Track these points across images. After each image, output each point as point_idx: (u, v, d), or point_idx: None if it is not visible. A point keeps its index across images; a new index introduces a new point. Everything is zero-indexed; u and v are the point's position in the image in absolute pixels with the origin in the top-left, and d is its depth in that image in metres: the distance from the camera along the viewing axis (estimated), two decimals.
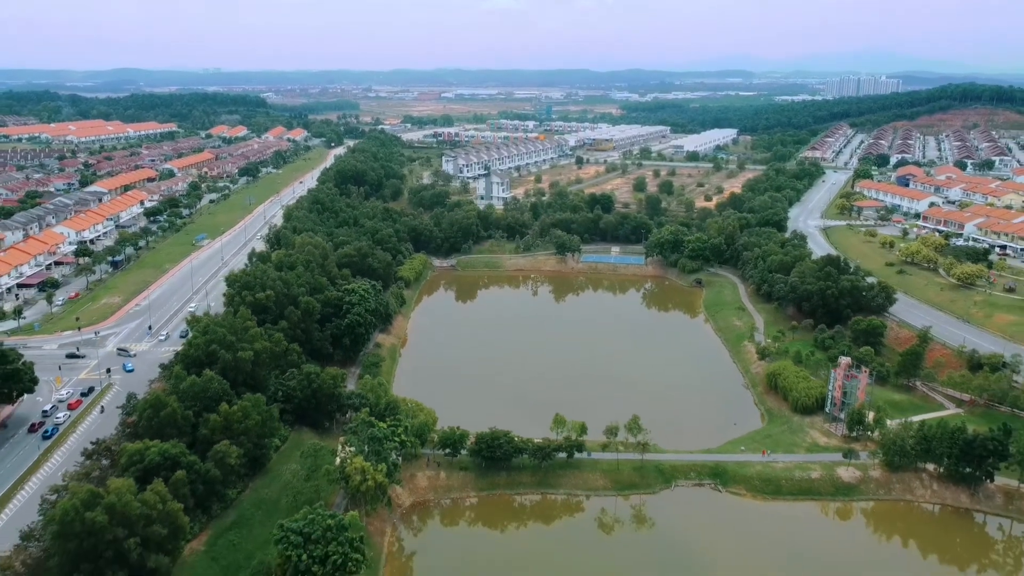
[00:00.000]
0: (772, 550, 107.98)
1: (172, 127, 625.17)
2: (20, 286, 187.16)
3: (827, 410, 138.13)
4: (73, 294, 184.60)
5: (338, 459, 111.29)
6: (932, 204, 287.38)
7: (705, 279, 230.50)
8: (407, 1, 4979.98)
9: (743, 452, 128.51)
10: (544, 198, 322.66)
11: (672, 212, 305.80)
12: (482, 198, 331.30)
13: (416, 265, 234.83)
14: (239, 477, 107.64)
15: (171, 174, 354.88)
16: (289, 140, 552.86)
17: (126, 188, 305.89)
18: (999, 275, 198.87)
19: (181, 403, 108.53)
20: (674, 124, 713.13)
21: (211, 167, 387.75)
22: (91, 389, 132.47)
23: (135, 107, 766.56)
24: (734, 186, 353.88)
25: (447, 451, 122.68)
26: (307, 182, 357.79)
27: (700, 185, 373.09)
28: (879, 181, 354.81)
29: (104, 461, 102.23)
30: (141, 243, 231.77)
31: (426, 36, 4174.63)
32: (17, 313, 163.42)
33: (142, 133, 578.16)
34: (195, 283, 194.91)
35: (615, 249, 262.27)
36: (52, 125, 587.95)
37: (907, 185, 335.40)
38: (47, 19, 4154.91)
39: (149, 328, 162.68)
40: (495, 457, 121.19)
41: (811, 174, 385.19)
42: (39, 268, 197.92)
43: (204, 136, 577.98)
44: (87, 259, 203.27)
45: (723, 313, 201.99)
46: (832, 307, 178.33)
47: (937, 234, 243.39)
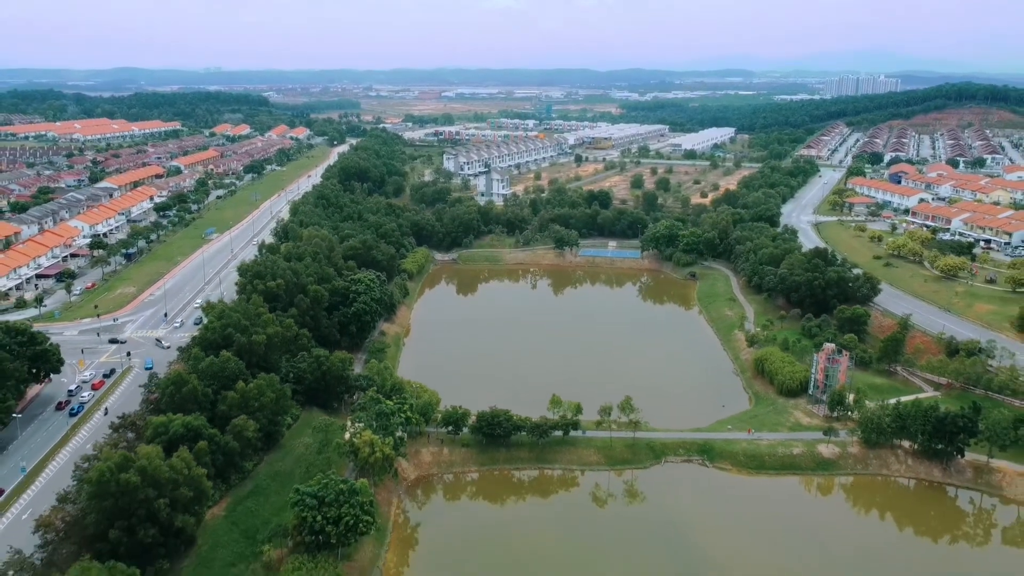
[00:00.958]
0: (756, 521, 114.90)
1: (176, 125, 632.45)
2: (39, 276, 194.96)
3: (810, 392, 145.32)
4: (90, 284, 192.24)
5: (347, 434, 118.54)
6: (921, 200, 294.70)
7: (699, 272, 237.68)
8: (407, 0, 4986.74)
9: (730, 431, 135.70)
10: (543, 195, 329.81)
11: (668, 208, 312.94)
12: (482, 195, 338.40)
13: (419, 258, 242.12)
14: (255, 451, 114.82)
15: (178, 171, 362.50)
16: (292, 138, 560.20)
17: (135, 184, 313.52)
18: (981, 267, 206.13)
19: (201, 381, 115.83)
20: (673, 123, 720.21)
21: (217, 164, 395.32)
22: (112, 371, 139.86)
23: (139, 106, 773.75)
24: (730, 183, 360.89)
25: (449, 429, 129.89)
26: (312, 179, 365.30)
27: (696, 182, 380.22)
28: (872, 178, 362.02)
29: (130, 434, 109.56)
30: (152, 237, 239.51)
31: (426, 35, 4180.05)
32: (38, 301, 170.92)
33: (147, 131, 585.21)
34: (207, 274, 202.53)
35: (612, 244, 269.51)
36: (58, 124, 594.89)
37: (899, 182, 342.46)
38: (47, 18, 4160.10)
39: (165, 315, 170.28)
40: (495, 434, 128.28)
41: (805, 172, 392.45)
42: (56, 260, 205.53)
43: (208, 134, 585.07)
44: (101, 251, 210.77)
45: (715, 304, 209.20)
46: (819, 297, 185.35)
47: (925, 229, 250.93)
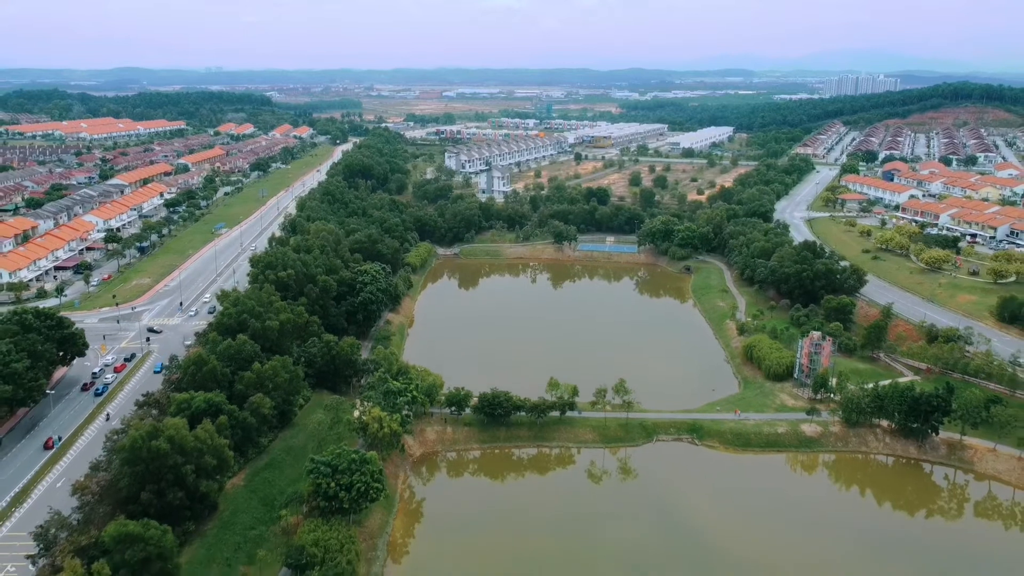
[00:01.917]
0: (741, 495, 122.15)
1: (181, 125, 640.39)
2: (57, 268, 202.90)
3: (796, 376, 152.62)
4: (106, 276, 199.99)
5: (356, 412, 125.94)
6: (912, 196, 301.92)
7: (694, 266, 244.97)
8: (408, 0, 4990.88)
9: (718, 412, 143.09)
10: (543, 192, 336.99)
11: (665, 205, 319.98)
12: (483, 192, 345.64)
13: (422, 253, 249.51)
14: (270, 427, 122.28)
15: (186, 169, 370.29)
16: (296, 137, 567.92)
17: (145, 181, 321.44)
18: (965, 260, 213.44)
19: (219, 362, 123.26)
20: (672, 122, 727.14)
21: (223, 162, 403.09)
22: (133, 355, 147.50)
23: (143, 105, 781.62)
24: (726, 181, 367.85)
25: (453, 409, 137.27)
26: (316, 176, 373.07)
27: (694, 180, 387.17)
28: (865, 176, 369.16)
29: (154, 411, 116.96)
30: (164, 231, 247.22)
31: (427, 35, 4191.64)
32: (59, 291, 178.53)
33: (152, 130, 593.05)
34: (218, 266, 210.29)
35: (610, 239, 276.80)
36: (64, 123, 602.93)
37: (892, 179, 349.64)
38: (48, 19, 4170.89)
39: (180, 304, 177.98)
40: (496, 414, 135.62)
41: (800, 169, 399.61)
42: (73, 253, 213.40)
43: (213, 133, 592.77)
44: (116, 245, 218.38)
45: (709, 296, 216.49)
46: (808, 288, 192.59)
47: (914, 224, 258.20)
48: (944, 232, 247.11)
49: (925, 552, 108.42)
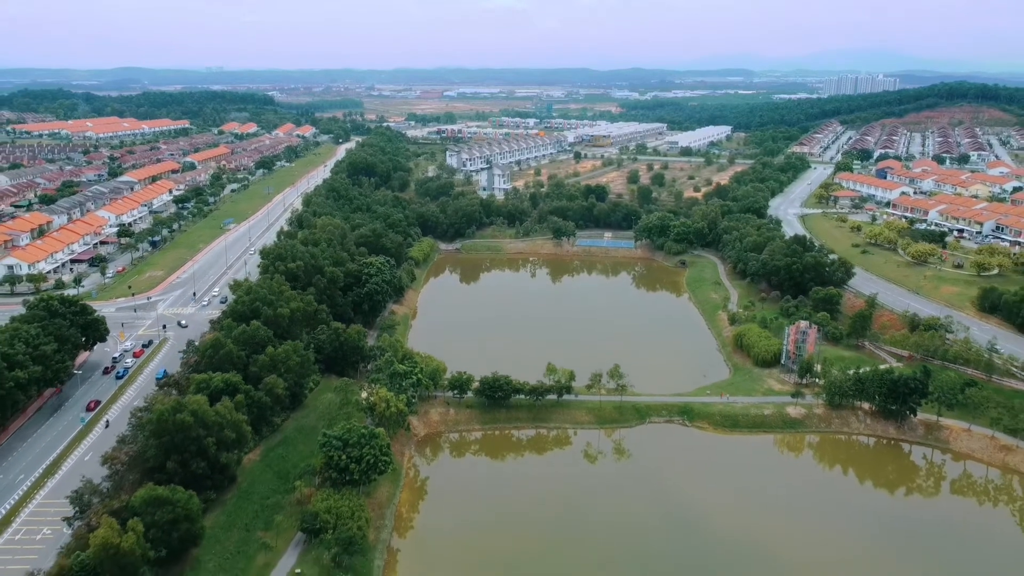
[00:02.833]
0: (729, 472, 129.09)
1: (185, 124, 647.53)
2: (73, 261, 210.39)
3: (783, 363, 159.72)
4: (120, 268, 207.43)
5: (364, 393, 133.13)
6: (903, 193, 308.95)
7: (688, 260, 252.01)
8: (409, 0, 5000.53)
9: (708, 395, 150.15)
10: (543, 189, 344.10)
11: (662, 202, 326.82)
12: (484, 189, 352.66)
13: (424, 247, 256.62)
14: (283, 408, 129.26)
15: (192, 167, 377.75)
16: (299, 136, 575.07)
17: (154, 178, 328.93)
18: (951, 254, 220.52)
19: (235, 345, 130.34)
20: (671, 121, 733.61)
21: (228, 160, 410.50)
22: (150, 342, 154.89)
23: (147, 104, 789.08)
24: (723, 179, 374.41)
25: (455, 392, 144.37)
26: (320, 173, 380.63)
27: (691, 178, 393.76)
28: (859, 174, 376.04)
29: (174, 391, 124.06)
30: (174, 226, 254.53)
31: (428, 35, 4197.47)
32: (76, 282, 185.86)
33: (157, 129, 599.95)
34: (228, 259, 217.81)
35: (607, 234, 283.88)
36: (70, 122, 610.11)
37: (885, 177, 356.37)
38: (49, 19, 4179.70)
39: (193, 295, 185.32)
40: (496, 397, 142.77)
41: (796, 167, 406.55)
42: (87, 246, 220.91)
43: (217, 132, 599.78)
44: (128, 239, 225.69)
45: (702, 289, 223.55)
46: (797, 280, 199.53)
47: (903, 220, 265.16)
48: (932, 227, 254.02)
49: (903, 525, 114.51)
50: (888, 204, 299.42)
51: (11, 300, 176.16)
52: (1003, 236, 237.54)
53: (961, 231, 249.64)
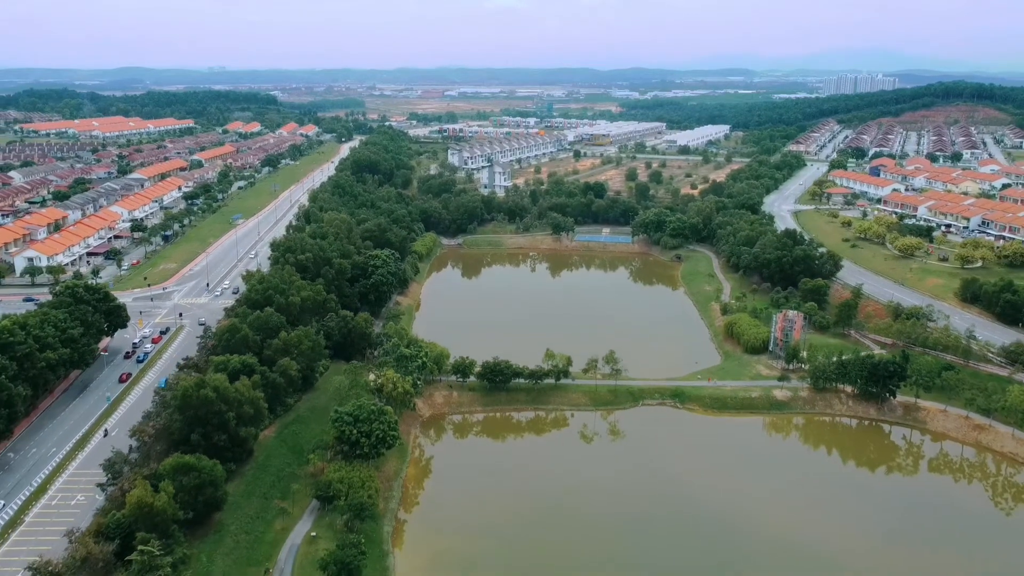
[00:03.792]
0: (717, 450, 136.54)
1: (190, 123, 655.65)
2: (89, 254, 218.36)
3: (771, 349, 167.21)
4: (135, 261, 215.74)
5: (371, 376, 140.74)
6: (894, 190, 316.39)
7: (684, 254, 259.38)
8: (411, 0, 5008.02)
9: (699, 380, 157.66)
10: (542, 186, 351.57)
11: (660, 199, 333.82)
12: (485, 187, 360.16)
13: (427, 242, 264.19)
14: (296, 389, 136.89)
15: (200, 164, 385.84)
16: (303, 135, 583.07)
17: (163, 176, 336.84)
18: (937, 248, 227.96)
19: (250, 330, 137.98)
20: (670, 121, 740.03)
21: (234, 159, 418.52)
22: (168, 329, 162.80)
23: (152, 104, 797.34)
24: (720, 177, 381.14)
25: (458, 376, 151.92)
26: (325, 171, 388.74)
27: (688, 176, 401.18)
28: (853, 171, 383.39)
29: (193, 373, 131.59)
30: (185, 221, 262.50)
31: (429, 35, 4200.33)
32: (94, 274, 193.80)
33: (162, 129, 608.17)
34: (239, 252, 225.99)
35: (606, 230, 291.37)
36: (76, 121, 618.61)
37: (878, 175, 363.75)
38: (49, 18, 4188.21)
39: (207, 285, 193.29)
40: (497, 381, 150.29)
41: (791, 165, 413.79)
42: (102, 240, 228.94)
43: (221, 131, 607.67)
44: (141, 233, 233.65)
45: (697, 281, 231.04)
46: (787, 273, 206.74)
47: (894, 215, 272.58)
48: (921, 223, 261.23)
49: (883, 499, 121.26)
50: (879, 200, 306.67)
51: (32, 291, 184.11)
52: (988, 231, 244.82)
53: (949, 226, 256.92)
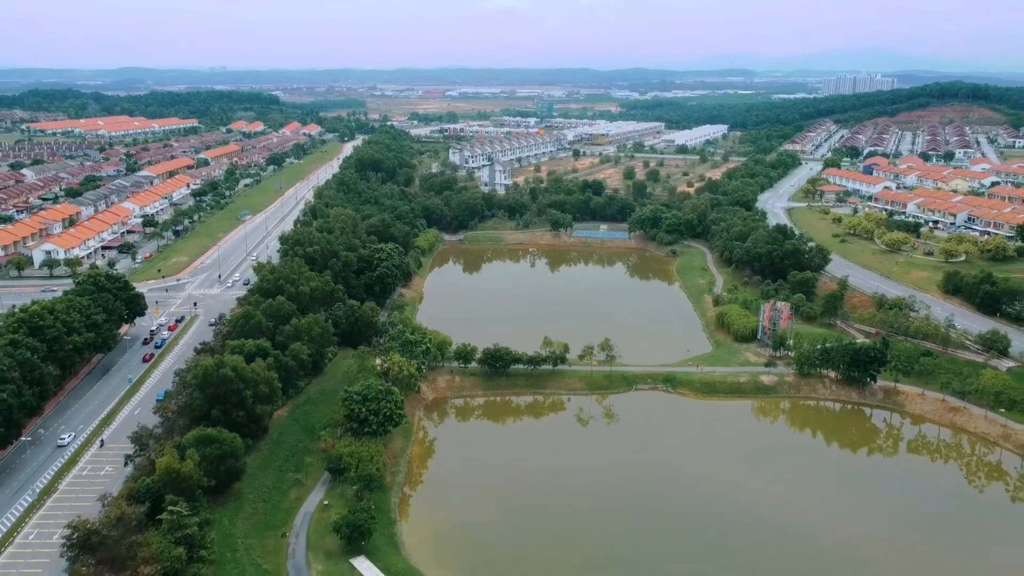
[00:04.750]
0: (706, 432, 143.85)
1: (194, 123, 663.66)
2: (104, 248, 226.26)
3: (759, 337, 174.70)
4: (148, 255, 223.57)
5: (378, 361, 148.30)
6: (885, 188, 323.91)
7: (679, 250, 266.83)
8: (411, 0, 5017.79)
9: (689, 366, 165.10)
10: (542, 184, 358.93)
11: (656, 196, 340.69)
12: (486, 185, 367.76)
13: (429, 238, 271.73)
14: (306, 373, 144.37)
15: (206, 163, 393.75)
16: (305, 135, 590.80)
17: (171, 173, 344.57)
18: (924, 243, 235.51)
19: (263, 316, 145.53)
20: (669, 120, 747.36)
21: (240, 157, 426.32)
22: (183, 318, 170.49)
23: (155, 104, 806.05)
24: (716, 175, 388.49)
25: (460, 362, 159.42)
26: (329, 169, 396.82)
27: (685, 174, 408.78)
28: (847, 170, 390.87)
29: (210, 357, 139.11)
30: (194, 217, 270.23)
31: (430, 35, 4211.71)
32: (110, 267, 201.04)
33: (167, 128, 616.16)
34: (248, 246, 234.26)
35: (603, 226, 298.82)
36: (82, 121, 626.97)
37: (871, 173, 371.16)
38: (50, 18, 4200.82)
39: (219, 277, 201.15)
40: (497, 366, 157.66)
41: (787, 164, 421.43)
42: (116, 235, 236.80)
43: (225, 131, 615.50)
44: (153, 228, 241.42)
45: (691, 275, 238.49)
46: (777, 266, 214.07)
47: (884, 212, 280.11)
48: (910, 219, 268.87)
49: (863, 477, 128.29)
50: (871, 198, 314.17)
51: (50, 283, 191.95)
52: (974, 227, 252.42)
53: (936, 222, 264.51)
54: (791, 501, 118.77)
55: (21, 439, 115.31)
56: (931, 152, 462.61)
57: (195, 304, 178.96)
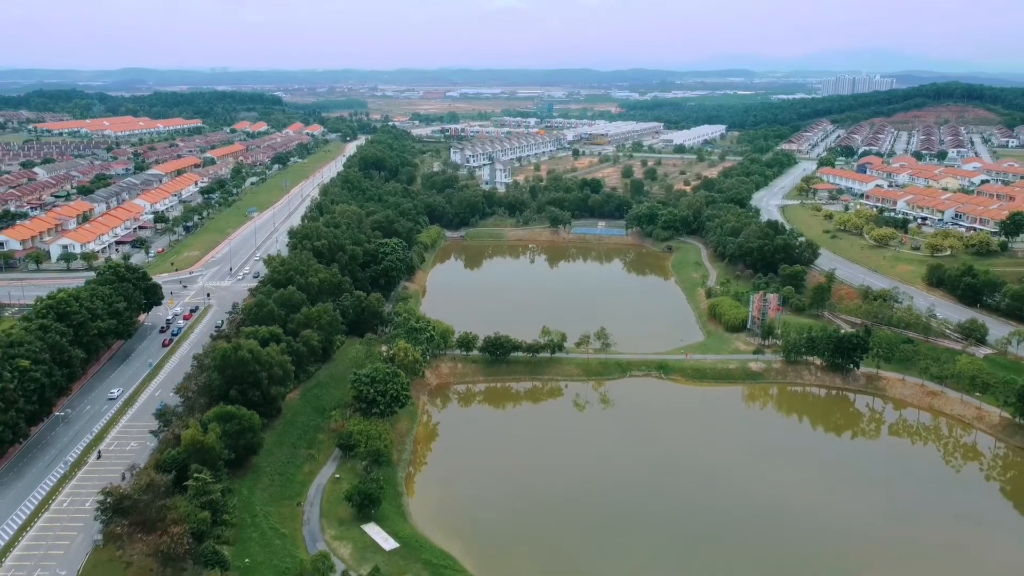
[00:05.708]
0: (697, 415, 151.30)
1: (198, 123, 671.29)
2: (117, 243, 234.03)
3: (748, 327, 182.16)
4: (160, 249, 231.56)
5: (384, 348, 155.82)
6: (876, 186, 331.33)
7: (674, 246, 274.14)
8: (411, 1, 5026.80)
9: (681, 354, 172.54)
10: (542, 183, 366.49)
11: (654, 195, 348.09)
12: (487, 183, 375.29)
13: (432, 234, 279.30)
14: (316, 359, 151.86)
15: (212, 162, 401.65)
16: (309, 135, 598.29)
17: (179, 172, 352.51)
18: (911, 238, 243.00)
19: (275, 305, 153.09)
20: (668, 121, 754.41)
21: (245, 157, 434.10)
22: (196, 308, 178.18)
23: (159, 104, 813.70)
24: (713, 174, 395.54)
25: (462, 349, 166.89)
26: (332, 168, 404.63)
27: (682, 173, 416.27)
28: (842, 169, 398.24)
29: (226, 343, 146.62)
30: (203, 214, 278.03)
31: (430, 36, 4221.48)
32: (125, 260, 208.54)
33: (172, 128, 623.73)
34: (257, 241, 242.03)
35: (601, 223, 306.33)
36: (88, 121, 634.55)
37: (864, 172, 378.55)
38: (52, 19, 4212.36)
39: (230, 270, 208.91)
40: (498, 354, 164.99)
41: (782, 163, 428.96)
42: (128, 230, 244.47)
43: (229, 131, 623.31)
44: (164, 224, 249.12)
45: (686, 270, 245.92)
46: (769, 260, 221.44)
47: (874, 209, 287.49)
48: (899, 216, 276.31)
49: (847, 458, 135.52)
50: (863, 196, 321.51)
51: (67, 276, 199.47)
52: (961, 223, 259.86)
53: (924, 219, 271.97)
54: (777, 481, 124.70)
55: (53, 414, 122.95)
56: (924, 151, 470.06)
57: (208, 295, 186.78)
